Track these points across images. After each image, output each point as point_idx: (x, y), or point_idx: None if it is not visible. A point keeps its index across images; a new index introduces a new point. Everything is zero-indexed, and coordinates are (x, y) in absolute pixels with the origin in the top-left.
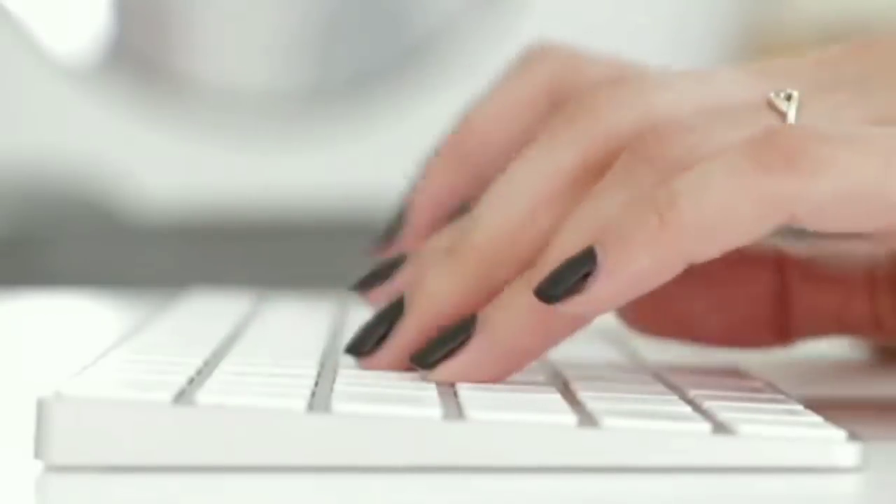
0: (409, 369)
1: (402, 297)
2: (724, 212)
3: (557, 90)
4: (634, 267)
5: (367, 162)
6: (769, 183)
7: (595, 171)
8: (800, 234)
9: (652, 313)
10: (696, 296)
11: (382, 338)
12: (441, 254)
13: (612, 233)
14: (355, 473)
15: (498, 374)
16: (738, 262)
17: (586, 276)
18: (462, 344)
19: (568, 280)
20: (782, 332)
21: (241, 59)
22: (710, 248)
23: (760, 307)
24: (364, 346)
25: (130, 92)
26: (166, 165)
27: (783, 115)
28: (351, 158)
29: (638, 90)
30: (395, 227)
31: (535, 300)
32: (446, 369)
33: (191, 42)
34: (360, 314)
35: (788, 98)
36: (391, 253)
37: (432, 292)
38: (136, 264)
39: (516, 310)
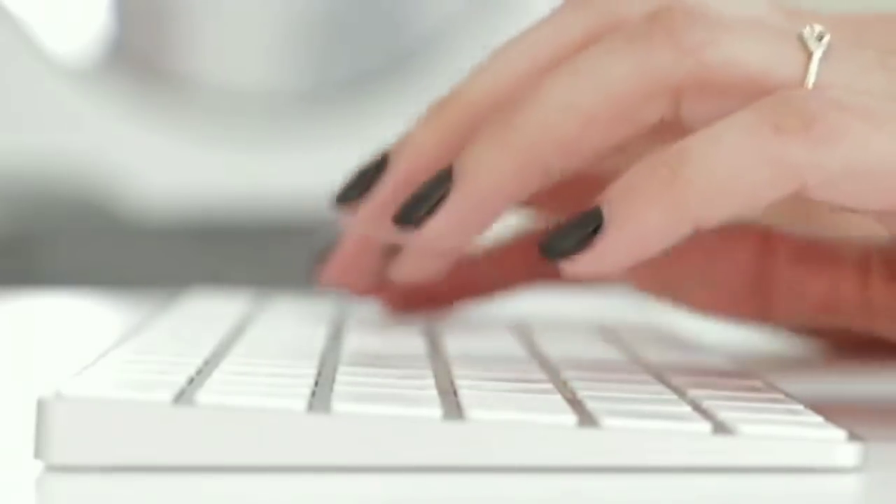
0: (389, 228)
1: (387, 153)
2: (736, 171)
3: (596, 37)
4: (641, 224)
5: None
6: (783, 146)
7: None
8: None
9: (640, 268)
10: (681, 260)
11: (367, 191)
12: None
13: (621, 187)
14: (355, 473)
15: (481, 225)
16: (723, 235)
17: (593, 232)
18: (442, 198)
19: (573, 236)
20: (761, 311)
21: (240, 60)
22: (718, 210)
23: (738, 284)
24: (348, 197)
25: (130, 92)
26: (166, 165)
27: (809, 54)
28: (350, 159)
29: None
30: (371, 175)
31: (510, 142)
32: (430, 229)
33: (191, 42)
34: (360, 314)
35: (820, 38)
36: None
37: (414, 144)
38: (136, 264)
39: (493, 154)
